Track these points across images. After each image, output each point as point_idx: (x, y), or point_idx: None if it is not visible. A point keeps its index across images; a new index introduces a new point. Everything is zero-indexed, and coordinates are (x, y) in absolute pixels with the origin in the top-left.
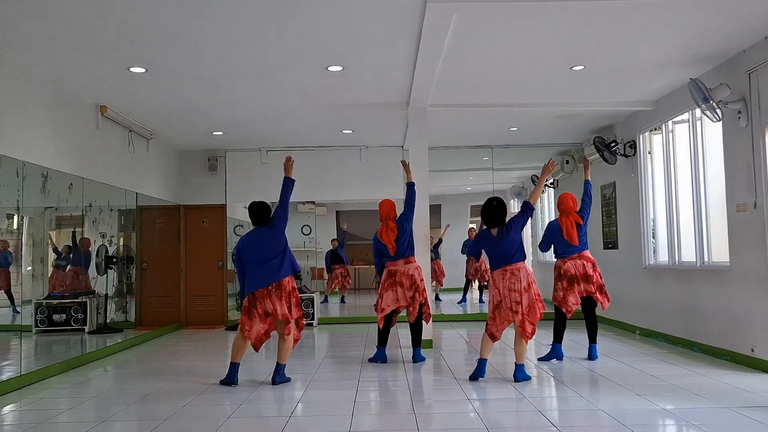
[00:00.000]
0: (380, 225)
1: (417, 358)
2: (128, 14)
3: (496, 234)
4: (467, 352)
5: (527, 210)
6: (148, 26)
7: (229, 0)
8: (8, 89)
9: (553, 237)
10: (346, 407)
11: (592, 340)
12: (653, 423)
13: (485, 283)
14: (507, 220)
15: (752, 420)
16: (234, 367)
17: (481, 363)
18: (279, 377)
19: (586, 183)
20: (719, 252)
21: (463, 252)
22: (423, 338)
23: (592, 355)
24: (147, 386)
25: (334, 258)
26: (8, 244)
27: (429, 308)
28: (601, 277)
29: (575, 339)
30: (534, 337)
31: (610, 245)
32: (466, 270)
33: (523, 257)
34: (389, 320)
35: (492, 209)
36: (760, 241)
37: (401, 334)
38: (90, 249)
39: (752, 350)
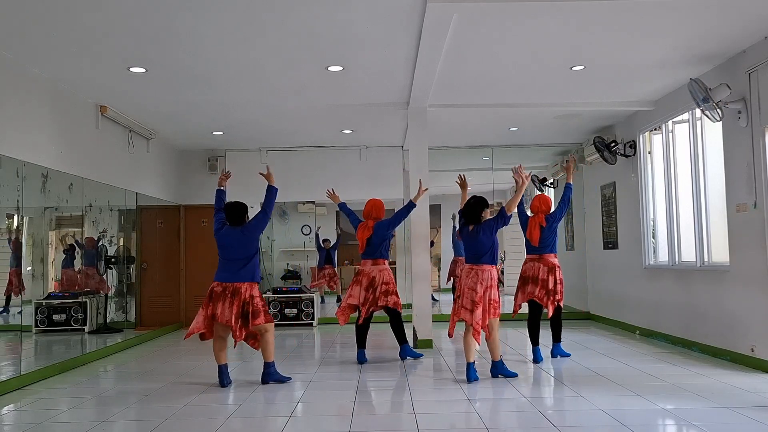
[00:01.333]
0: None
1: (402, 356)
2: (128, 14)
3: (471, 231)
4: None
5: (502, 216)
6: (148, 26)
7: (229, 0)
8: (8, 89)
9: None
10: (346, 407)
11: (534, 342)
12: (653, 423)
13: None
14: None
15: (752, 420)
16: (220, 369)
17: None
18: (269, 376)
19: (567, 187)
20: (719, 252)
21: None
22: (422, 338)
23: (553, 352)
24: (147, 386)
25: (327, 258)
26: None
27: (397, 305)
28: (558, 283)
29: (575, 339)
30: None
31: (610, 245)
32: (451, 270)
33: (493, 261)
34: (366, 321)
35: (468, 206)
36: (760, 241)
37: None
38: (97, 246)
39: (752, 350)
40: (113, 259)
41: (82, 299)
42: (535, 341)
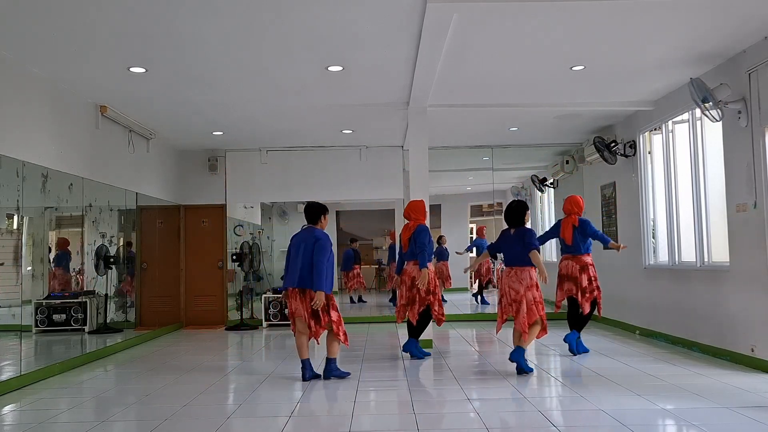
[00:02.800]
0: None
1: (406, 348)
2: (128, 14)
3: (513, 233)
4: (467, 352)
5: (535, 240)
6: (148, 26)
7: (229, 0)
8: (8, 89)
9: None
10: (346, 407)
11: (577, 328)
12: (653, 423)
13: (486, 283)
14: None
15: (752, 420)
16: (303, 364)
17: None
18: (328, 372)
19: (604, 236)
20: (719, 252)
21: (471, 251)
22: (422, 338)
23: (568, 337)
24: (147, 386)
25: (356, 258)
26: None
27: (438, 312)
28: (593, 280)
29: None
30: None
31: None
32: (477, 270)
33: (532, 264)
34: (421, 319)
35: (511, 210)
36: (760, 241)
37: (401, 333)
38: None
39: (752, 350)
40: (113, 259)
41: (82, 299)
42: (578, 327)
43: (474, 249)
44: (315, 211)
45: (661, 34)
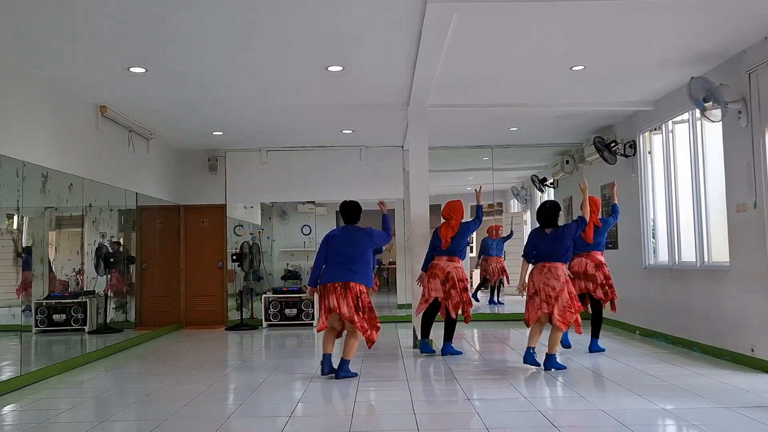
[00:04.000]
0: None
1: (444, 351)
2: (128, 14)
3: (549, 233)
4: (468, 352)
5: (580, 222)
6: (148, 26)
7: (228, 0)
8: (8, 89)
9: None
10: (346, 407)
11: (593, 334)
12: (653, 423)
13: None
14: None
15: (752, 420)
16: (324, 358)
17: (528, 350)
18: (342, 372)
19: (615, 206)
20: (719, 252)
21: (480, 252)
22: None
23: (591, 348)
24: (147, 386)
25: None
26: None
27: (466, 310)
28: (608, 278)
29: (575, 339)
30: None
31: (610, 245)
32: (483, 269)
33: (565, 260)
34: (431, 312)
35: (546, 210)
36: (760, 241)
37: (400, 334)
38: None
39: (752, 350)
40: (113, 259)
41: (82, 299)
42: (595, 333)
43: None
44: (355, 211)
45: (661, 34)
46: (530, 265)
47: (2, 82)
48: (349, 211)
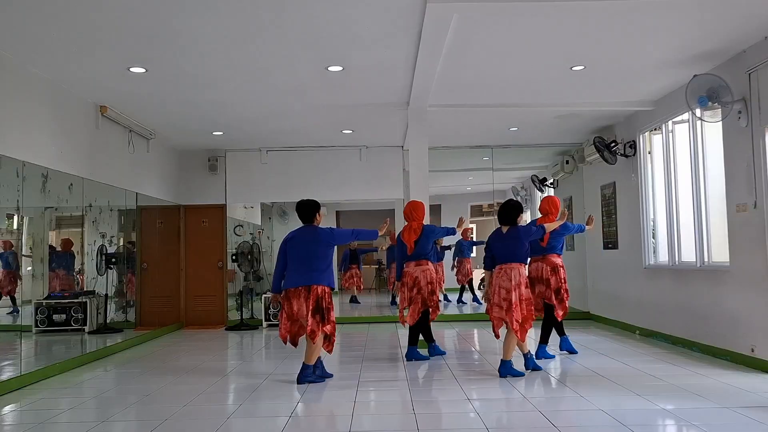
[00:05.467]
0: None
1: (408, 356)
2: (128, 14)
3: (505, 232)
4: (467, 352)
5: (539, 229)
6: (148, 26)
7: (228, 0)
8: (8, 89)
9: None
10: (346, 407)
11: (542, 340)
12: (653, 423)
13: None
14: (520, 224)
15: (752, 420)
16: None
17: (525, 357)
18: (303, 376)
19: (580, 226)
20: (719, 252)
21: (455, 254)
22: (422, 338)
23: (538, 354)
24: (147, 386)
25: (352, 258)
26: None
27: (434, 312)
28: (562, 282)
29: (575, 339)
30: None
31: (610, 245)
32: (458, 271)
33: (522, 261)
34: (420, 319)
35: (508, 208)
36: (760, 241)
37: (402, 333)
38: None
39: (752, 350)
40: (114, 259)
41: (82, 299)
42: (544, 339)
43: (453, 249)
44: (311, 209)
45: (661, 34)
46: (491, 271)
47: (2, 82)
48: (305, 210)
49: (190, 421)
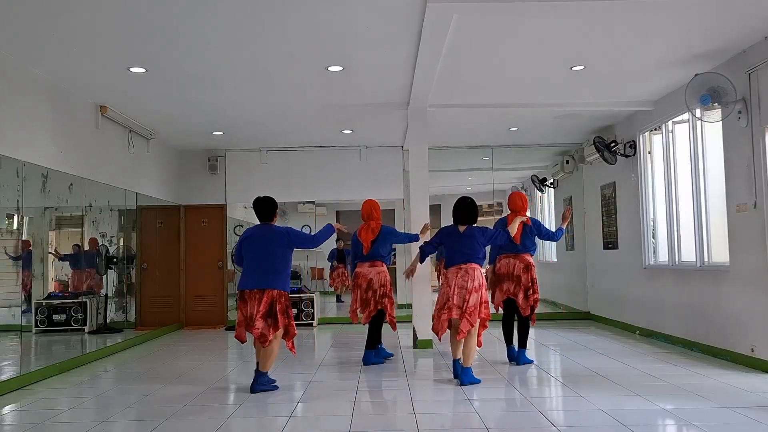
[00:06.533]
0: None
1: (366, 360)
2: (128, 14)
3: (462, 231)
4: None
5: (503, 233)
6: (147, 26)
7: (228, 0)
8: (8, 89)
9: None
10: (346, 407)
11: (509, 341)
12: (653, 423)
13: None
14: (477, 224)
15: (752, 420)
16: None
17: (455, 362)
18: (258, 385)
19: (560, 230)
20: (719, 252)
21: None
22: (422, 338)
23: (519, 360)
24: (147, 386)
25: (339, 256)
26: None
27: (391, 315)
28: (533, 282)
29: (575, 339)
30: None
31: (610, 245)
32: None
33: (479, 263)
34: (373, 322)
35: (465, 206)
36: (760, 241)
37: (402, 333)
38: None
39: (752, 350)
40: (113, 260)
41: (82, 299)
42: (509, 340)
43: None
44: (270, 208)
45: (661, 34)
46: (427, 259)
47: (2, 82)
48: (263, 207)
49: (190, 421)
